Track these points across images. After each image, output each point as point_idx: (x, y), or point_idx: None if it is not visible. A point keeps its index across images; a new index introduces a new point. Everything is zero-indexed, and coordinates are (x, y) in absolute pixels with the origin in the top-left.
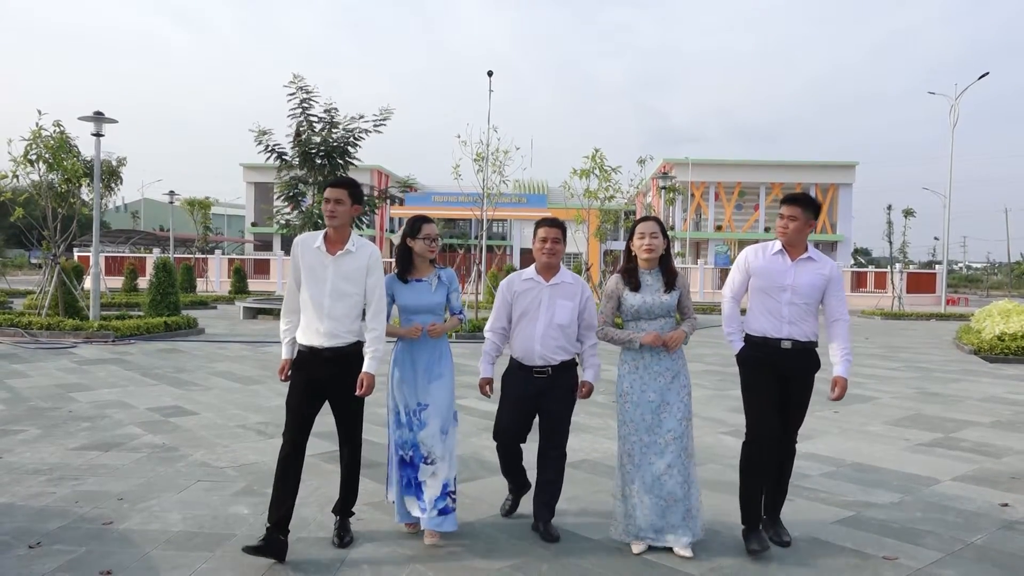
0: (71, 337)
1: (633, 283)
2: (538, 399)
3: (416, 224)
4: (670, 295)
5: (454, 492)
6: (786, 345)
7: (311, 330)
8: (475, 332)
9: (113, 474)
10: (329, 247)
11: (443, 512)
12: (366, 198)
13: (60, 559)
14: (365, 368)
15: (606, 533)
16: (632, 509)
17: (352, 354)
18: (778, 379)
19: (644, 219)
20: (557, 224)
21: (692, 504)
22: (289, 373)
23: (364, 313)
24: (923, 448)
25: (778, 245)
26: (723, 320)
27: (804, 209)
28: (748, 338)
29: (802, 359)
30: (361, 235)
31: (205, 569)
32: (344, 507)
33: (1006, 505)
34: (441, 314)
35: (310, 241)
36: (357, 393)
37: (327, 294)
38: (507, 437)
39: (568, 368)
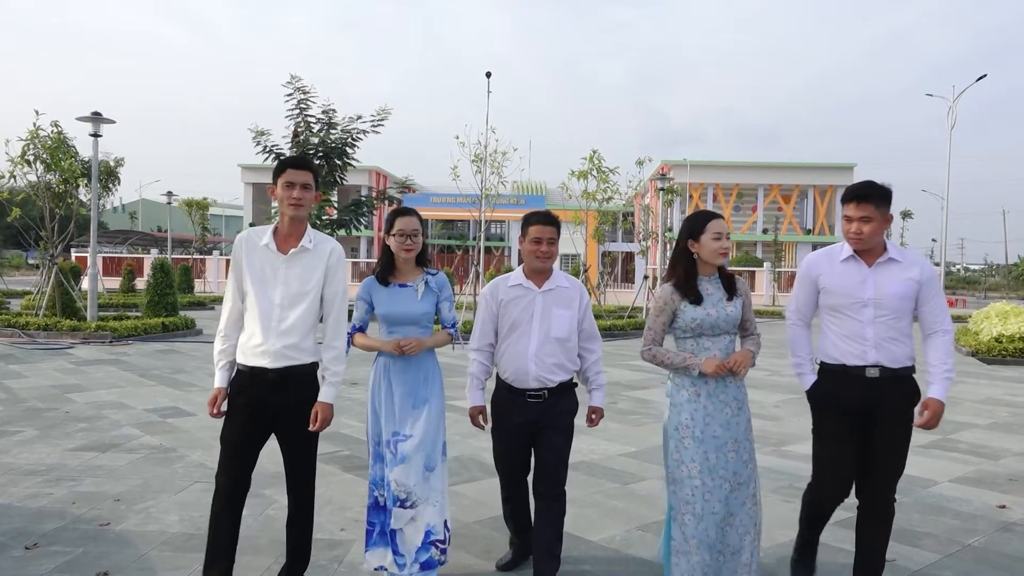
0: (68, 338)
1: (694, 294)
2: (533, 428)
3: (391, 219)
4: (734, 305)
5: (443, 542)
6: (872, 373)
7: (256, 347)
8: None
9: (110, 475)
10: (280, 244)
11: (426, 566)
12: (363, 199)
13: (57, 560)
14: (322, 397)
15: (605, 534)
16: (693, 569)
17: (306, 376)
18: (863, 417)
19: (714, 216)
20: (552, 221)
21: (750, 560)
22: (216, 408)
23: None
24: (921, 450)
25: (848, 249)
26: (790, 348)
27: (878, 205)
28: (822, 367)
29: (894, 389)
30: (358, 236)
31: (202, 570)
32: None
33: (1004, 507)
34: (428, 326)
35: (256, 239)
36: (311, 427)
37: (278, 303)
38: (510, 465)
39: (567, 390)
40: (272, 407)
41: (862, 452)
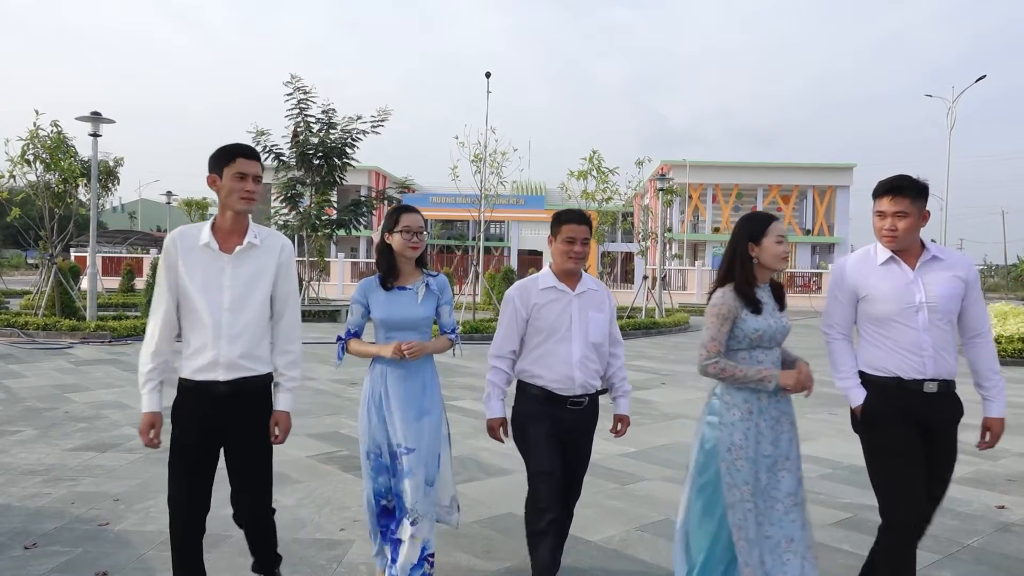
0: (68, 337)
1: (755, 302)
2: (565, 437)
3: (394, 215)
4: (784, 315)
5: (432, 556)
6: (930, 388)
7: (204, 360)
8: (472, 333)
9: (109, 475)
10: (222, 243)
11: None
12: (363, 199)
13: (56, 560)
14: (279, 406)
15: (604, 534)
16: None
17: (260, 388)
18: (920, 435)
19: (774, 217)
20: (586, 220)
21: None
22: (153, 437)
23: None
24: None
25: (883, 251)
26: (832, 365)
27: (914, 200)
28: (870, 381)
29: (947, 405)
30: (358, 236)
31: None
32: (264, 568)
33: (1002, 507)
34: (427, 331)
35: (192, 237)
36: (273, 440)
37: (226, 306)
38: (553, 480)
39: (596, 397)
40: (223, 423)
41: None
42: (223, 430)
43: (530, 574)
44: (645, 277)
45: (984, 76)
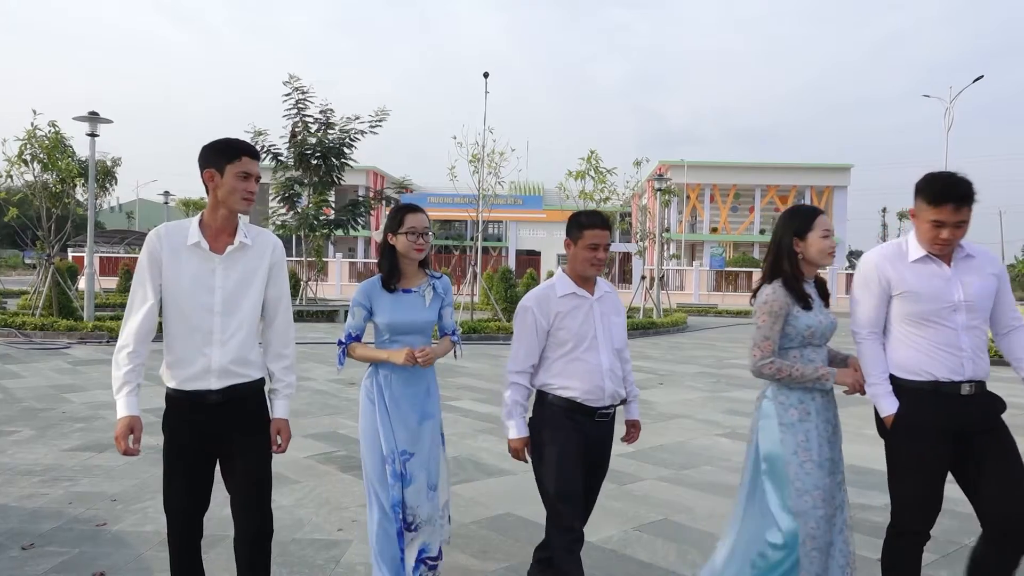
0: (65, 337)
1: (805, 298)
2: (590, 448)
3: (399, 215)
4: (831, 311)
5: (435, 559)
6: (967, 390)
7: (193, 367)
8: (470, 333)
9: (107, 475)
10: (212, 242)
11: None
12: (361, 199)
13: (54, 560)
14: (278, 413)
15: (602, 534)
16: None
17: (254, 395)
18: (954, 441)
19: (820, 211)
20: (608, 224)
21: None
22: (132, 443)
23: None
24: None
25: (917, 248)
26: (864, 367)
27: (972, 205)
28: (904, 387)
29: (985, 403)
30: (356, 236)
31: None
32: None
33: None
34: (430, 334)
35: (178, 236)
36: (274, 449)
37: (217, 310)
38: (577, 501)
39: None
40: (217, 431)
41: (974, 477)
42: (218, 437)
43: (526, 574)
44: (643, 277)
45: (982, 76)
